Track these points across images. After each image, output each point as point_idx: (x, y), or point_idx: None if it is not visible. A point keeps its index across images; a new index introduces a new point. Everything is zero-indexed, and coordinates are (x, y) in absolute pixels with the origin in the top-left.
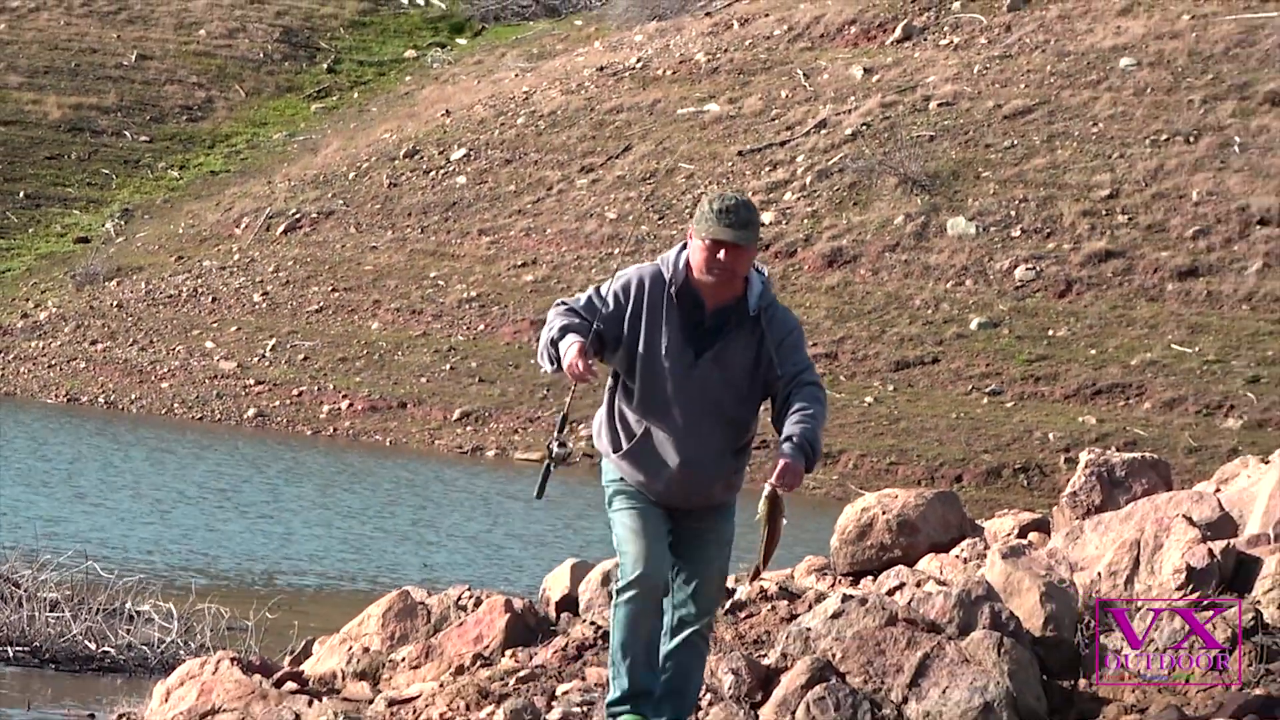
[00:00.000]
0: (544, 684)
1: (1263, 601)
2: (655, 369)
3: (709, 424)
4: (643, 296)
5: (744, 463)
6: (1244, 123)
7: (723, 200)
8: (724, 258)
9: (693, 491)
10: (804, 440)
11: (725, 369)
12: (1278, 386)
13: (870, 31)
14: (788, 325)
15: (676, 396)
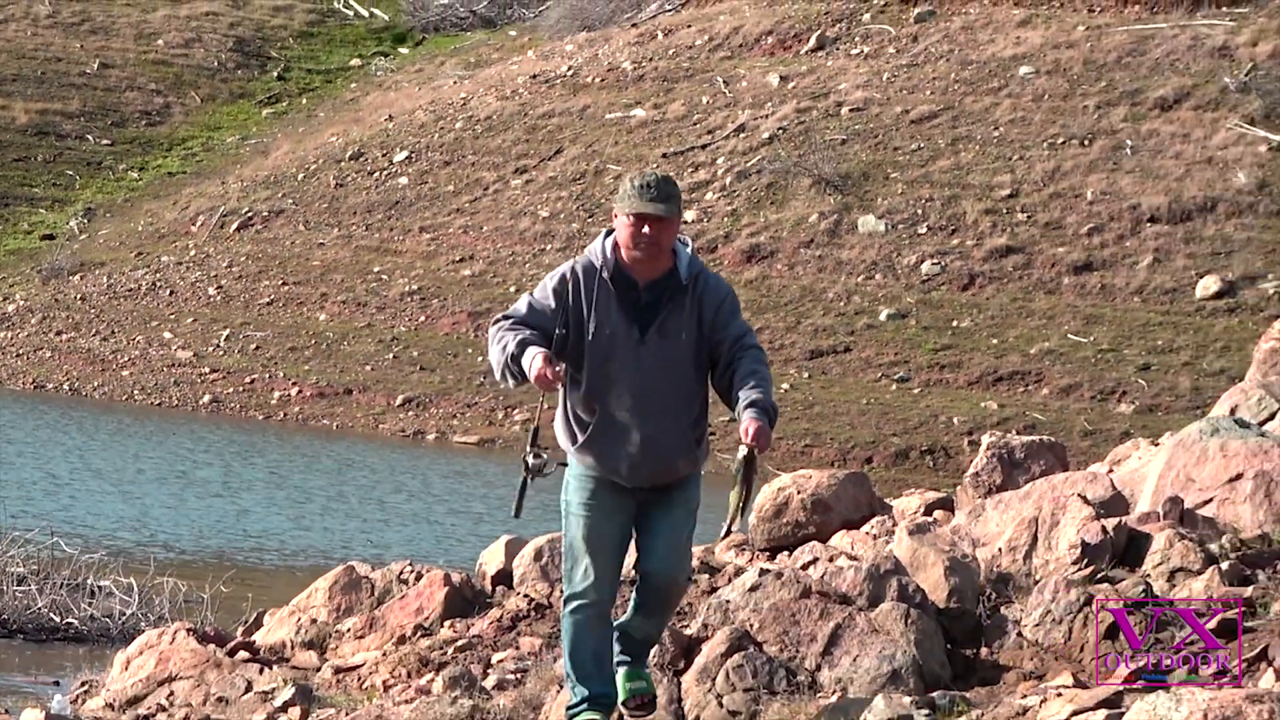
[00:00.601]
0: (480, 653)
1: (1152, 575)
2: (603, 354)
3: (663, 398)
4: (578, 288)
5: (702, 434)
6: (1135, 127)
7: (643, 177)
8: (648, 231)
9: (657, 468)
10: (767, 405)
11: (670, 341)
12: (1167, 373)
13: (786, 42)
14: (721, 291)
15: (627, 377)
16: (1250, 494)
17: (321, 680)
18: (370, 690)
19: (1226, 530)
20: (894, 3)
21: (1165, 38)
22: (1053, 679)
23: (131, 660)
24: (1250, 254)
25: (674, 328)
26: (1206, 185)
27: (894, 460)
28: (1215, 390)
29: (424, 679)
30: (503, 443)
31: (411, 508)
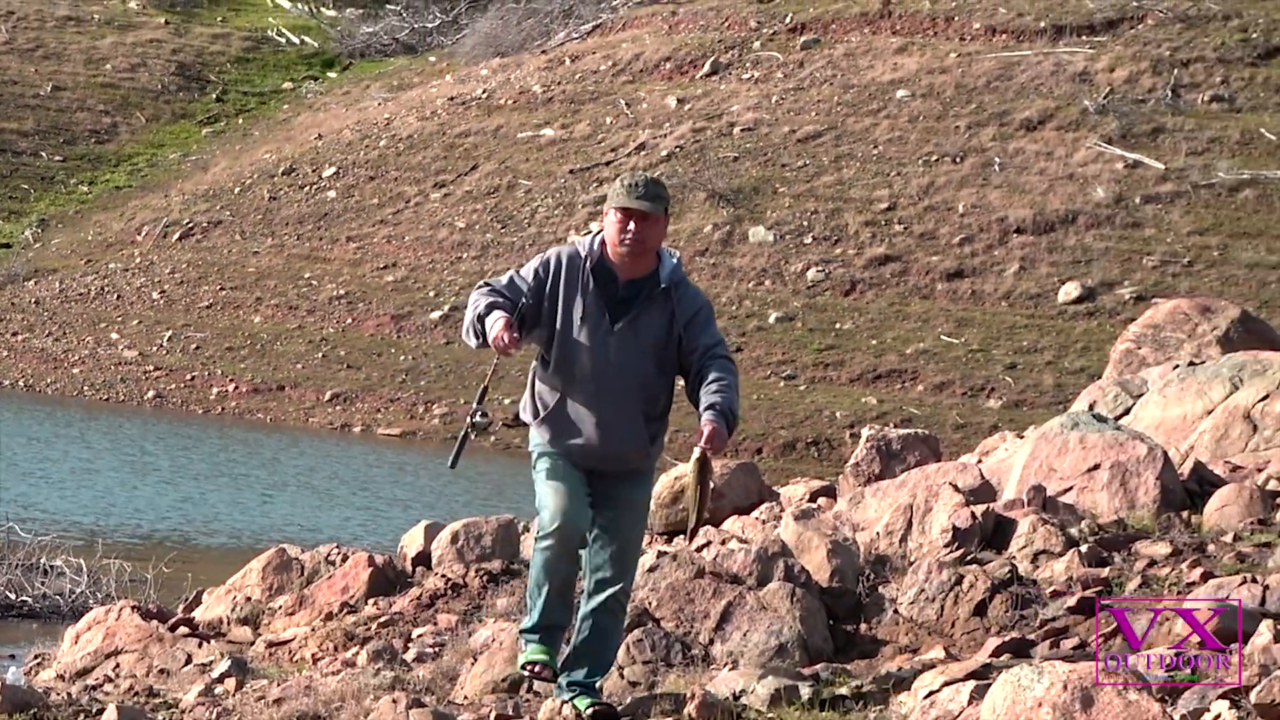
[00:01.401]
0: (401, 628)
1: (1017, 557)
2: (572, 338)
3: (622, 390)
4: (560, 271)
5: (658, 432)
6: (1003, 145)
7: (633, 176)
8: (634, 227)
9: (609, 454)
10: (726, 408)
11: (638, 337)
12: (1031, 372)
13: (683, 67)
14: (697, 302)
15: (592, 363)
16: (1107, 483)
17: (255, 653)
18: (300, 663)
19: (1085, 516)
20: (782, 31)
21: (1030, 64)
22: (926, 652)
23: (81, 635)
24: (1108, 262)
25: (645, 326)
26: (1068, 199)
27: (781, 451)
28: (1075, 387)
29: (349, 652)
30: (423, 435)
31: (339, 495)
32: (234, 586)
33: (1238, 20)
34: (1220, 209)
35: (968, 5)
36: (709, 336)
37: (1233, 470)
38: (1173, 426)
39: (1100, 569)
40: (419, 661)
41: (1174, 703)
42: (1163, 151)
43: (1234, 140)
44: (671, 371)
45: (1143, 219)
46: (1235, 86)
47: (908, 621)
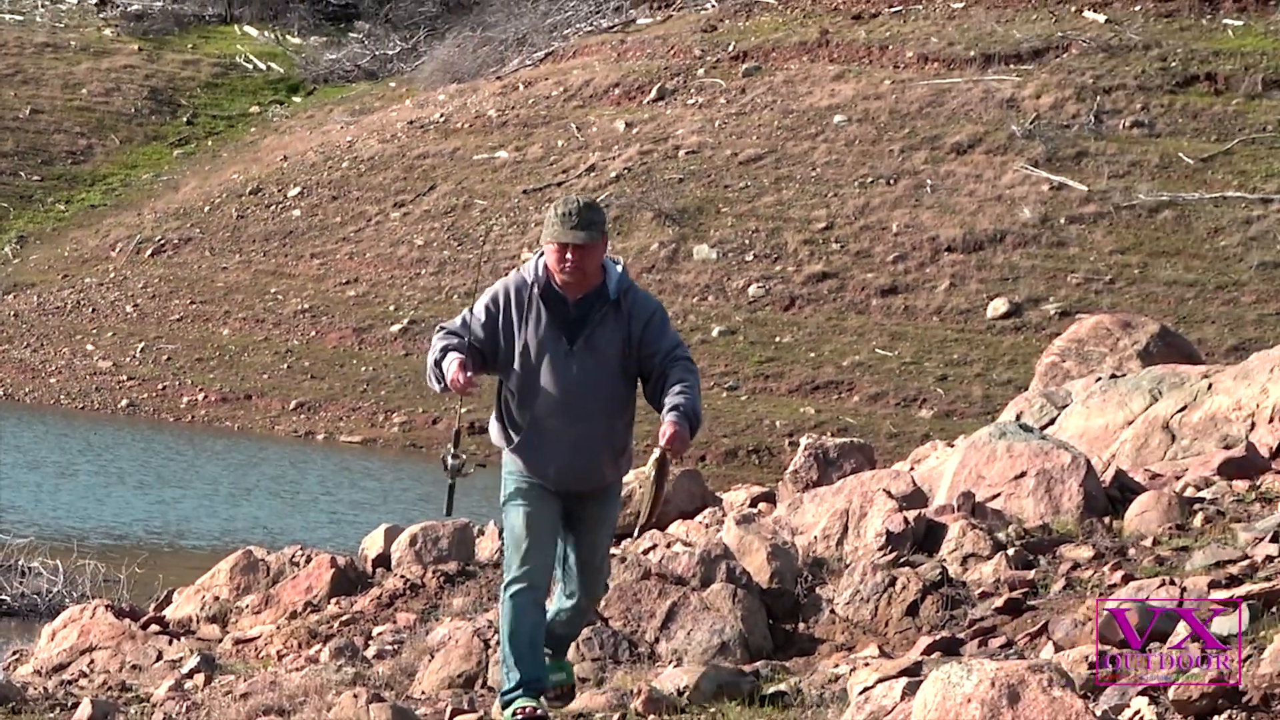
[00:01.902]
0: (362, 626)
1: (948, 560)
2: (533, 364)
3: (590, 407)
4: (510, 303)
5: (628, 442)
6: (935, 168)
7: (566, 204)
8: (572, 258)
9: (584, 473)
10: (688, 409)
11: (597, 352)
12: (961, 383)
13: (631, 93)
14: (650, 307)
15: (557, 385)
16: (1033, 489)
17: (223, 650)
18: (266, 659)
19: (1012, 521)
20: (725, 59)
21: (960, 91)
22: (861, 650)
23: (57, 632)
24: (1034, 279)
25: (602, 340)
26: (996, 219)
27: (724, 458)
28: (1003, 398)
29: (313, 649)
30: (383, 442)
31: (303, 499)
32: (203, 586)
33: (1157, 50)
34: (1140, 229)
35: (901, 35)
36: (667, 340)
37: (1152, 478)
38: (1095, 436)
39: (1026, 571)
40: (379, 658)
41: (1096, 699)
42: (1086, 174)
43: (1154, 164)
44: (633, 379)
45: (1067, 238)
46: (1155, 113)
47: (844, 621)
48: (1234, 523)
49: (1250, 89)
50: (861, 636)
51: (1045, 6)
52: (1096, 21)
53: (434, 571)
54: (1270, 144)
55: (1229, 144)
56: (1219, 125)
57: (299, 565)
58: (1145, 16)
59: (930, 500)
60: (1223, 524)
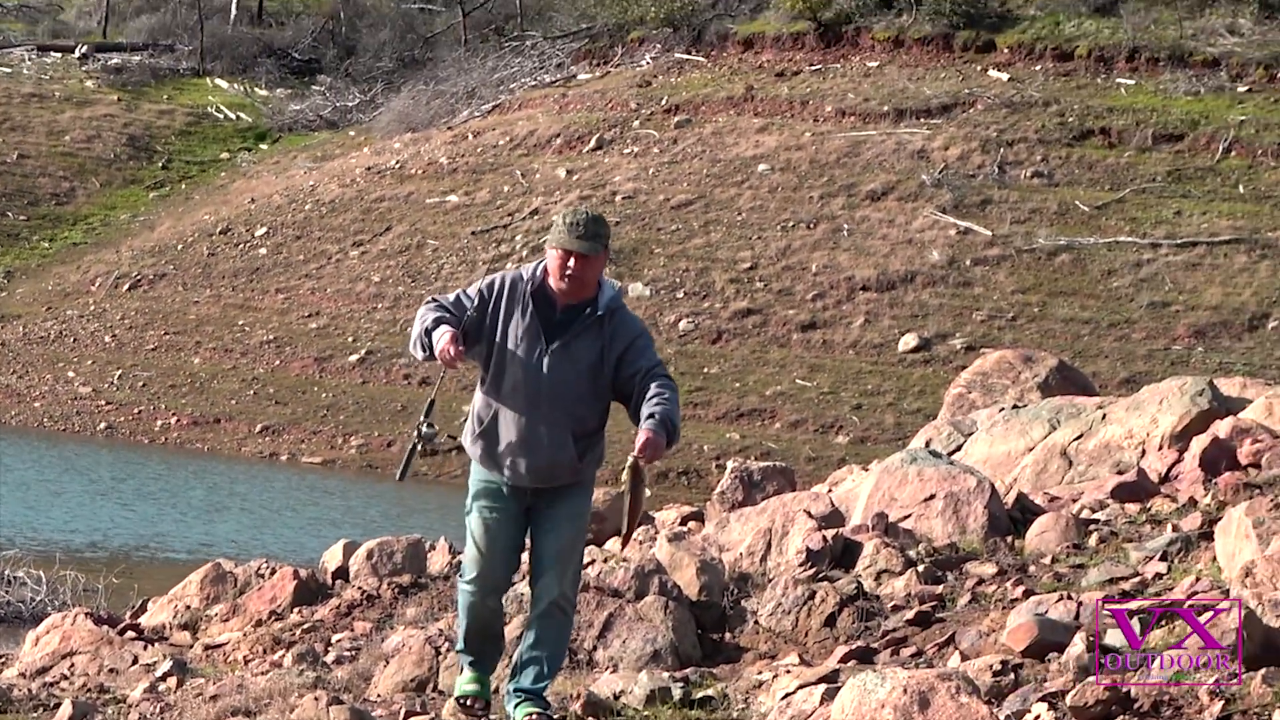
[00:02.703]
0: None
1: (863, 575)
2: (509, 354)
3: (552, 409)
4: (503, 293)
5: (588, 450)
6: (851, 214)
7: (574, 214)
8: (574, 266)
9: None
10: (665, 418)
11: (572, 359)
12: (875, 412)
13: (571, 143)
14: (635, 328)
15: (526, 380)
16: (941, 510)
17: (194, 655)
18: (233, 664)
19: (922, 540)
20: (659, 112)
21: (875, 142)
22: (783, 658)
23: (40, 638)
24: (942, 316)
25: (580, 349)
26: (907, 261)
27: (656, 480)
28: (914, 426)
29: (277, 655)
30: (342, 463)
31: (268, 515)
32: (175, 596)
33: (1056, 106)
34: (1040, 271)
35: (820, 91)
36: (648, 359)
37: (1051, 500)
38: (999, 461)
39: (935, 586)
40: (338, 663)
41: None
42: (990, 220)
43: (1052, 211)
44: (604, 395)
45: (972, 279)
46: (1053, 164)
47: (767, 631)
48: (1126, 542)
49: (1141, 143)
50: (783, 646)
51: (953, 65)
52: (1000, 80)
53: (389, 583)
54: (1159, 193)
55: (1121, 193)
56: (1112, 176)
57: (264, 577)
58: (1045, 75)
59: (847, 520)
60: (1116, 544)
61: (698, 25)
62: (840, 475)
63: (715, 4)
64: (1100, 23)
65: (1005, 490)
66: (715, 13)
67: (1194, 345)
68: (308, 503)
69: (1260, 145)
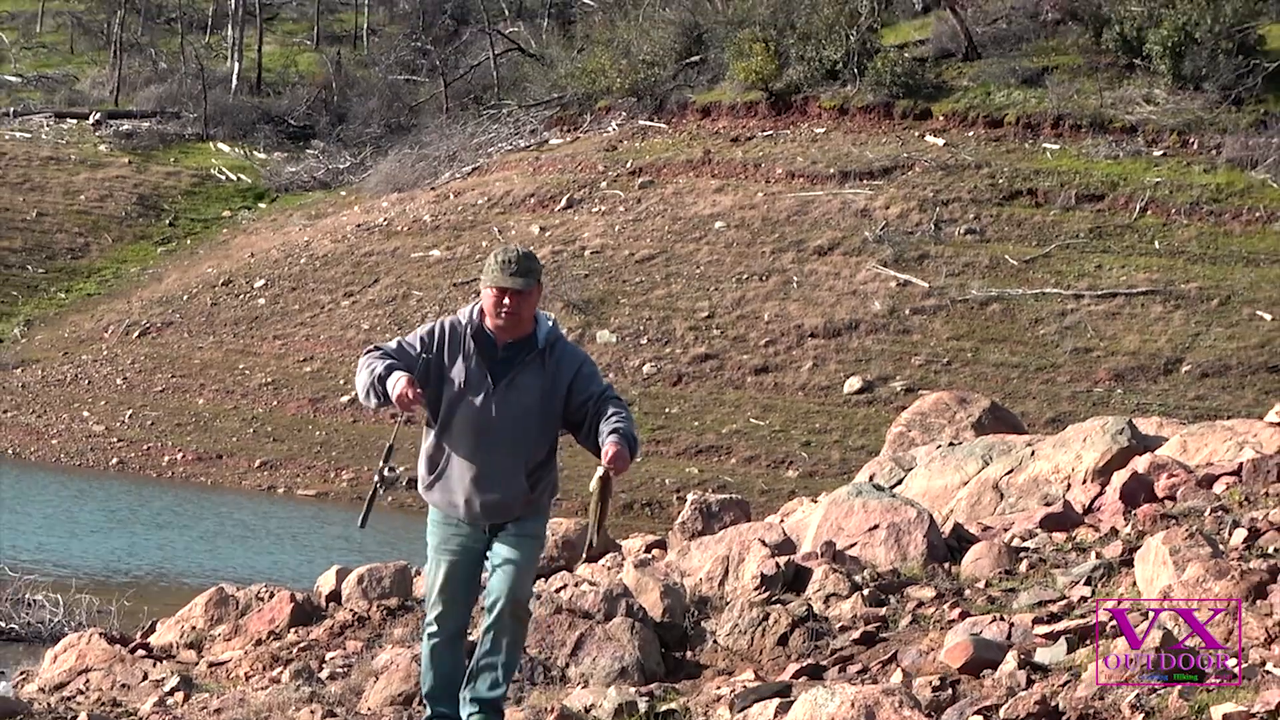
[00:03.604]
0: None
1: (813, 598)
2: (456, 400)
3: (505, 445)
4: (444, 340)
5: (540, 480)
6: (800, 267)
7: (505, 253)
8: (509, 303)
9: (491, 506)
10: (627, 434)
11: (519, 395)
12: (823, 448)
13: (544, 202)
14: (579, 357)
15: (476, 422)
16: (884, 539)
17: (199, 672)
18: (235, 680)
19: (867, 566)
20: (624, 174)
21: (822, 202)
22: (739, 675)
23: (58, 656)
24: (883, 361)
25: (525, 384)
26: (852, 310)
27: (622, 511)
28: (858, 462)
29: (275, 671)
30: (334, 495)
31: (266, 543)
32: (182, 617)
33: (987, 169)
34: (973, 319)
35: (772, 155)
36: (597, 385)
37: (984, 530)
38: (936, 494)
39: (879, 608)
40: (331, 679)
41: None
42: (927, 273)
43: (984, 265)
44: (553, 426)
45: (911, 327)
46: (985, 222)
47: (724, 650)
48: (1054, 568)
49: (1065, 202)
50: (740, 663)
51: (893, 132)
52: (936, 145)
53: (378, 606)
54: (1081, 248)
55: (1047, 248)
56: (1039, 232)
57: (264, 600)
58: (977, 141)
59: (798, 548)
60: (1044, 569)
61: (660, 95)
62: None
63: (675, 75)
64: (1028, 93)
65: (943, 520)
66: (675, 84)
67: (1114, 387)
68: (303, 532)
69: (1173, 205)
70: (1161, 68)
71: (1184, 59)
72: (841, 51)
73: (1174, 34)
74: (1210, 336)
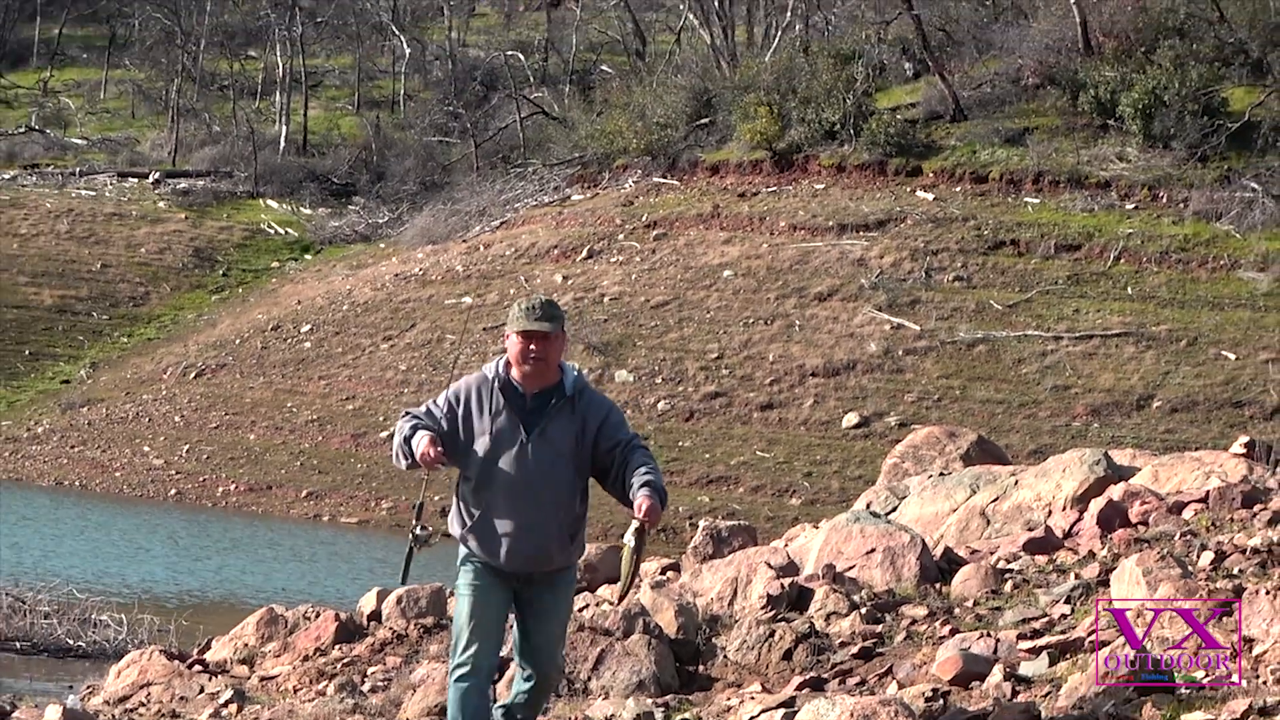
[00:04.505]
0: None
1: (815, 616)
2: (490, 454)
3: (541, 495)
4: (471, 397)
5: (576, 531)
6: (801, 312)
7: (529, 300)
8: (535, 347)
9: (534, 556)
10: (657, 485)
11: (551, 444)
12: (823, 479)
13: (567, 253)
14: (605, 405)
15: (511, 474)
16: (880, 562)
17: (251, 686)
18: (284, 693)
19: (864, 587)
20: (640, 227)
21: (822, 252)
22: (747, 687)
23: (121, 671)
24: (879, 398)
25: (556, 433)
26: (849, 351)
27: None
28: (856, 491)
29: (321, 685)
30: (374, 522)
31: (312, 566)
32: (235, 635)
33: (973, 221)
34: (961, 359)
35: (776, 209)
36: (625, 433)
37: (972, 553)
38: (928, 520)
39: (876, 625)
40: (373, 692)
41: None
42: (919, 317)
43: (970, 309)
44: (585, 474)
45: (904, 366)
46: (971, 270)
47: (734, 664)
48: (1036, 588)
49: (1045, 252)
50: (748, 676)
51: (887, 187)
52: (926, 199)
53: (415, 624)
54: (1060, 294)
55: (1029, 294)
56: (1021, 279)
57: (310, 619)
58: (964, 195)
59: (801, 570)
60: (1027, 589)
61: (672, 154)
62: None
63: (686, 136)
64: (1010, 151)
65: (934, 545)
66: (687, 144)
67: (1091, 422)
68: (346, 556)
69: (1144, 254)
70: (1133, 128)
71: (1154, 120)
72: (839, 114)
73: (1144, 97)
74: (1179, 375)
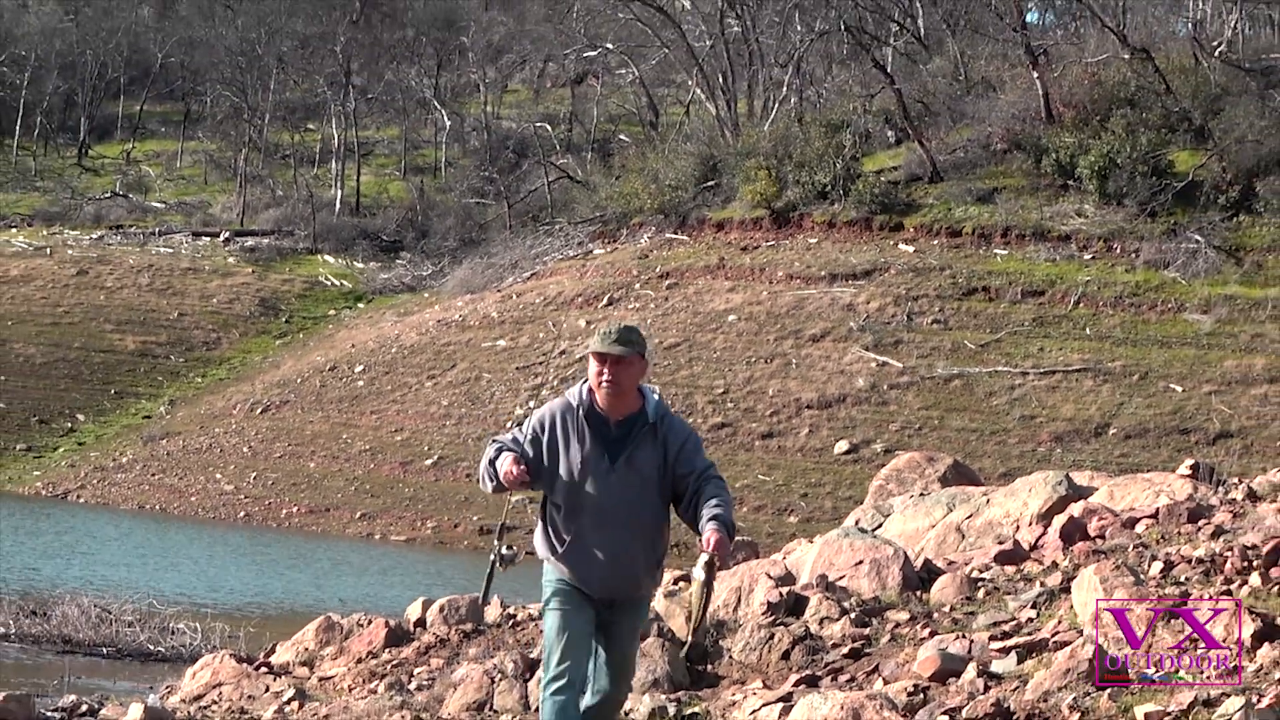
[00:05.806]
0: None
1: (810, 621)
2: (578, 480)
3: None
4: (555, 425)
5: (662, 555)
6: (798, 352)
7: (608, 325)
8: (609, 369)
9: (621, 583)
10: (726, 519)
11: (637, 470)
12: (817, 499)
13: (590, 300)
14: (685, 431)
15: (599, 500)
16: (867, 572)
17: (311, 685)
18: (340, 691)
19: (853, 594)
20: (654, 277)
21: (815, 298)
22: (750, 684)
23: (196, 673)
24: (866, 428)
25: (641, 459)
26: (840, 386)
27: None
28: (847, 509)
29: (373, 684)
30: (420, 540)
31: (366, 579)
32: (297, 640)
33: (949, 270)
34: (939, 393)
35: (774, 260)
36: (701, 461)
37: (949, 564)
38: (910, 535)
39: (864, 629)
40: (419, 690)
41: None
42: (901, 355)
43: (947, 348)
44: (667, 499)
45: (889, 399)
46: (948, 314)
47: (738, 663)
48: (1006, 595)
49: (1012, 297)
50: (750, 674)
51: (872, 241)
52: (908, 251)
53: (456, 630)
54: (1027, 334)
55: (999, 334)
56: (992, 321)
57: (363, 626)
58: (941, 248)
59: (797, 580)
60: (998, 596)
61: (682, 212)
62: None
63: (695, 197)
64: (981, 208)
65: (915, 557)
66: (695, 203)
67: (1054, 447)
68: (395, 570)
69: (1101, 298)
70: (1090, 187)
71: (1108, 180)
72: (830, 176)
73: (1100, 160)
74: (1132, 405)
